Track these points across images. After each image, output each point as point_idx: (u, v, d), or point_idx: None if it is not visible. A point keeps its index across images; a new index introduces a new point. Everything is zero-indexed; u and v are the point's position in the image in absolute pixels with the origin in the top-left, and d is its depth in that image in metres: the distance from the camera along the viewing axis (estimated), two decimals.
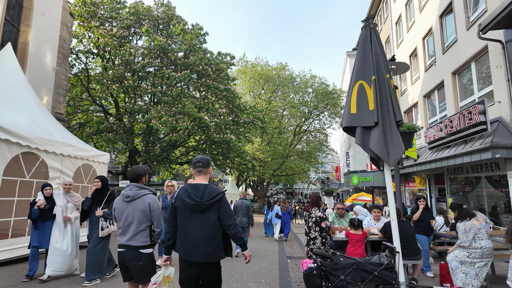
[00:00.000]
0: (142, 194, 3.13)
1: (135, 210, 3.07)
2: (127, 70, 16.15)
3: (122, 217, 3.11)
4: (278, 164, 30.47)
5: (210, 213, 2.67)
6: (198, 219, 2.66)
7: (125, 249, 3.05)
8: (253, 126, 20.44)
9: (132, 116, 17.23)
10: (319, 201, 4.97)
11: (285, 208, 12.37)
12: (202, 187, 2.74)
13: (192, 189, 2.73)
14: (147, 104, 16.36)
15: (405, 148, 3.56)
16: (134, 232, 3.05)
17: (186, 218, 2.68)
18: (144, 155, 17.01)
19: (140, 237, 3.05)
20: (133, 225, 3.06)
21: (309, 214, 4.89)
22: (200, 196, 2.68)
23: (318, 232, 4.66)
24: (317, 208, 4.86)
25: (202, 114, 16.34)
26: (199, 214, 2.66)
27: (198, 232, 2.64)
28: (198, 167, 2.84)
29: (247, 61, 31.03)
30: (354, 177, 19.93)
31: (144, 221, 3.09)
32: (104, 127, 17.11)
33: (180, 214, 2.72)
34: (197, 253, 2.61)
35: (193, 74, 17.66)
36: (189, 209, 2.67)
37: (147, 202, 3.11)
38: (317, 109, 30.43)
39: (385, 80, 3.76)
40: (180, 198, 2.72)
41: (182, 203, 2.70)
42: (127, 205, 3.10)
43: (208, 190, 2.73)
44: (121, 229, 3.11)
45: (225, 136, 17.13)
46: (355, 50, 34.74)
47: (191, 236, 2.64)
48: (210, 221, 2.66)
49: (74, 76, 19.24)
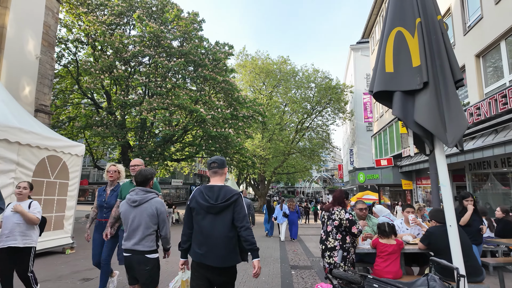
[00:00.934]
0: (149, 198, 3.06)
1: (143, 214, 3.00)
2: (117, 59, 15.02)
3: (128, 221, 3.02)
4: (279, 161, 29.33)
5: (226, 215, 2.61)
6: (213, 221, 2.60)
7: (131, 253, 2.98)
8: (253, 120, 19.29)
9: (124, 110, 16.11)
10: (345, 199, 3.64)
11: (293, 206, 11.88)
12: (217, 189, 2.67)
13: (207, 190, 2.67)
14: (139, 96, 15.21)
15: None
16: (141, 236, 2.99)
17: (201, 220, 2.64)
18: (136, 150, 15.89)
19: (146, 241, 2.99)
20: (140, 230, 2.99)
21: (329, 215, 3.62)
22: (214, 198, 2.62)
23: (339, 241, 3.43)
24: (341, 207, 3.57)
25: (198, 106, 15.19)
26: (214, 216, 2.61)
27: (212, 234, 2.58)
28: (214, 167, 2.77)
29: (247, 54, 29.87)
30: (361, 175, 18.76)
31: (151, 225, 3.02)
32: (93, 120, 15.99)
33: (195, 216, 2.68)
34: (212, 257, 2.54)
35: (189, 67, 16.48)
36: (204, 211, 2.63)
37: (155, 206, 3.04)
38: (320, 105, 29.25)
39: (435, 24, 2.60)
40: (195, 199, 2.67)
41: (198, 205, 2.65)
42: (133, 209, 3.02)
43: (223, 191, 2.65)
44: (126, 233, 3.03)
45: (223, 130, 15.98)
46: (360, 44, 33.50)
47: (205, 238, 2.59)
48: (225, 223, 2.59)
49: (63, 68, 18.13)
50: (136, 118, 17.29)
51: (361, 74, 32.50)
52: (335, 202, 3.63)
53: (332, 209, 3.60)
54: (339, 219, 3.45)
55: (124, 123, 16.42)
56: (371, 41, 24.69)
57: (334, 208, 3.60)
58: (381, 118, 21.28)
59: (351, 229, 3.40)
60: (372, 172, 17.86)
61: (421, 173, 14.03)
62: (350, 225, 3.41)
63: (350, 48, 33.97)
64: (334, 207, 3.60)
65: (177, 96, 14.71)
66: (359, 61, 33.01)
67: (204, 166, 26.24)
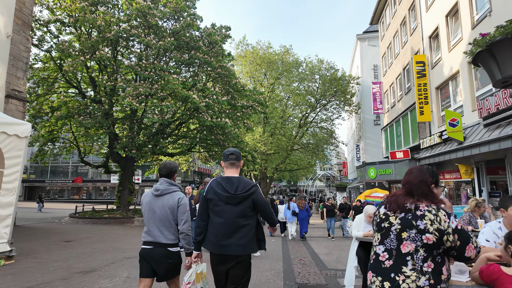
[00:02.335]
0: (172, 190, 3.01)
1: (164, 206, 2.95)
2: (100, 39, 13.41)
3: (150, 212, 2.98)
4: (281, 158, 27.70)
5: (244, 205, 2.61)
6: (232, 212, 2.60)
7: (153, 246, 2.89)
8: (253, 111, 17.64)
9: (110, 97, 14.49)
10: (432, 185, 1.77)
11: (302, 204, 11.84)
12: (236, 180, 2.67)
13: (225, 182, 2.66)
14: (124, 81, 13.57)
15: None
16: (163, 228, 2.92)
17: (219, 210, 2.62)
18: (122, 141, 14.29)
19: (169, 234, 2.92)
20: (162, 222, 2.92)
21: (407, 219, 1.70)
22: (234, 188, 2.62)
23: (430, 276, 1.60)
24: (436, 206, 1.69)
25: (190, 93, 13.56)
26: (232, 206, 2.60)
27: (232, 224, 2.58)
28: (232, 159, 2.76)
29: (247, 44, 28.19)
30: (371, 170, 17.06)
31: (173, 218, 2.96)
32: (76, 109, 14.40)
33: (213, 207, 2.65)
34: (232, 246, 2.54)
35: (182, 51, 14.80)
36: (223, 202, 2.61)
37: (177, 198, 2.98)
38: (325, 98, 27.53)
39: None
40: (213, 190, 2.65)
41: (216, 195, 2.63)
42: (156, 200, 2.98)
43: (242, 182, 2.67)
44: (146, 224, 2.98)
45: (219, 120, 14.35)
46: (367, 33, 31.71)
47: (225, 229, 2.57)
48: (244, 213, 2.61)
49: (46, 54, 16.56)
50: (124, 107, 15.69)
51: (368, 65, 30.73)
52: (420, 193, 1.76)
53: (415, 206, 1.73)
54: (438, 230, 1.63)
55: (111, 113, 14.81)
56: (381, 27, 22.93)
57: (421, 206, 1.73)
58: (392, 109, 19.56)
59: (463, 252, 1.66)
60: (385, 166, 16.16)
61: (443, 166, 12.34)
62: (463, 242, 1.65)
63: (356, 38, 32.20)
64: (418, 202, 1.72)
65: (166, 82, 13.09)
66: (366, 51, 31.24)
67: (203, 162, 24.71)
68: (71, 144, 19.08)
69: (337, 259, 7.32)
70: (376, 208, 2.08)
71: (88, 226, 14.13)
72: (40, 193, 30.76)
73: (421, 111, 13.42)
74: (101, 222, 14.91)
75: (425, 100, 13.43)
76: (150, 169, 23.88)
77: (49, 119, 17.15)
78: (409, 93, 16.21)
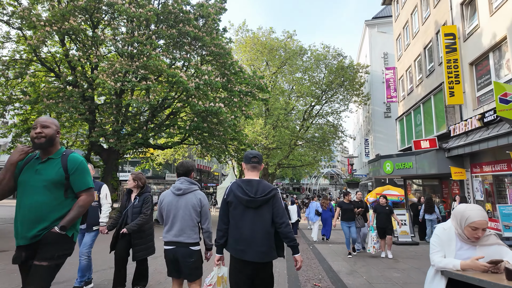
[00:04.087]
0: (193, 189, 3.02)
1: (187, 205, 2.94)
2: (70, 7, 11.35)
3: (171, 211, 2.95)
4: (285, 153, 25.64)
5: (264, 210, 2.55)
6: (252, 216, 2.54)
7: (175, 246, 2.91)
8: (252, 97, 15.54)
9: (85, 77, 12.42)
10: None
11: (326, 204, 11.21)
12: (256, 183, 2.63)
13: (245, 184, 2.62)
14: (99, 57, 11.49)
15: None
16: (185, 227, 2.91)
17: (239, 214, 2.57)
18: (99, 130, 12.27)
19: (191, 233, 2.92)
20: (185, 220, 2.92)
21: None
22: (254, 191, 2.57)
23: None
24: None
25: (177, 71, 11.50)
26: (253, 210, 2.55)
27: (252, 229, 2.51)
28: (254, 162, 2.72)
29: (247, 30, 26.05)
30: (387, 164, 14.90)
31: (195, 217, 2.96)
32: (47, 92, 12.37)
33: (233, 210, 2.60)
34: (251, 252, 2.47)
35: (171, 30, 12.67)
36: (243, 205, 2.56)
37: (199, 197, 3.01)
38: (331, 88, 25.38)
39: None
40: (233, 193, 2.61)
41: (236, 198, 2.59)
42: (177, 199, 2.98)
43: (262, 186, 2.62)
44: (169, 224, 2.95)
45: (212, 105, 12.28)
46: (376, 19, 29.48)
47: (245, 233, 2.51)
48: (264, 218, 2.54)
49: (18, 32, 14.55)
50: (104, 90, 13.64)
51: (377, 54, 28.55)
52: None
53: None
54: None
55: (87, 96, 12.75)
56: (394, 7, 20.72)
57: None
58: (409, 96, 17.40)
59: None
60: (404, 159, 14.00)
61: (480, 156, 10.22)
62: None
63: (364, 24, 29.97)
64: None
65: (148, 57, 11.04)
66: (375, 38, 29.04)
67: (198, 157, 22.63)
68: None
69: (368, 283, 5.24)
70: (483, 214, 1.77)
71: None
72: None
73: (451, 92, 11.28)
74: None
75: (455, 79, 11.30)
76: (140, 164, 21.88)
77: (23, 106, 15.14)
78: (432, 75, 14.06)
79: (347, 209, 7.82)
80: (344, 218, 7.77)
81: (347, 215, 7.74)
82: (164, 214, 2.97)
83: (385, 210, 7.92)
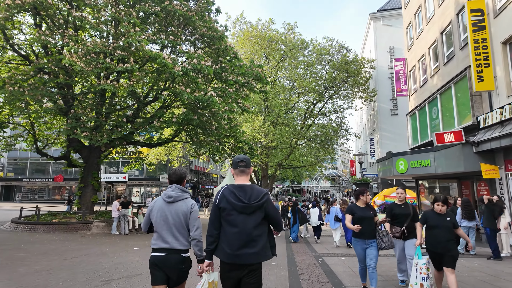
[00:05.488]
0: (184, 197, 3.01)
1: (178, 213, 2.93)
2: None
3: (162, 218, 2.91)
4: (285, 153, 24.05)
5: (257, 214, 2.61)
6: (246, 221, 2.57)
7: (167, 253, 2.85)
8: (249, 88, 13.95)
9: (56, 61, 10.80)
10: None
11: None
12: (249, 188, 2.65)
13: (238, 190, 2.63)
14: (70, 37, 9.88)
15: None
16: (177, 234, 2.88)
17: (233, 220, 2.58)
18: (72, 121, 10.67)
19: (183, 239, 2.90)
20: (175, 227, 2.90)
21: None
22: (248, 197, 2.59)
23: None
24: None
25: (160, 53, 9.92)
26: (246, 216, 2.59)
27: (246, 233, 2.55)
28: (241, 166, 2.74)
29: (246, 22, 24.51)
30: (400, 162, 13.27)
31: (185, 224, 2.94)
32: (12, 77, 10.75)
33: (226, 216, 2.61)
34: (246, 255, 2.52)
35: (155, 7, 11.08)
36: (237, 211, 2.58)
37: (190, 205, 2.98)
38: (335, 84, 23.80)
39: None
40: (226, 199, 2.62)
41: (230, 204, 2.60)
42: (168, 206, 2.95)
43: (255, 191, 2.64)
44: (159, 231, 2.92)
45: (202, 94, 10.69)
46: (382, 11, 27.98)
47: (239, 238, 2.54)
48: (257, 222, 2.60)
49: None
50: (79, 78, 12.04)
51: (383, 48, 27.03)
52: None
53: None
54: None
55: (60, 82, 11.12)
56: None
57: None
58: (422, 88, 15.82)
59: None
60: (421, 157, 12.37)
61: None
62: None
63: (369, 17, 28.46)
64: None
65: (127, 36, 9.45)
66: (381, 32, 27.53)
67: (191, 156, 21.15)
68: (27, 131, 15.48)
69: None
70: None
71: (23, 235, 10.51)
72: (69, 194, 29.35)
73: (479, 77, 9.69)
74: (46, 230, 11.29)
75: (485, 61, 9.72)
76: (129, 164, 20.25)
77: None
78: (452, 62, 12.50)
79: (365, 217, 4.65)
80: (358, 234, 4.62)
81: (365, 228, 4.58)
82: (154, 221, 2.95)
83: (445, 222, 4.38)
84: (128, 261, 6.59)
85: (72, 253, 7.37)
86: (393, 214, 5.12)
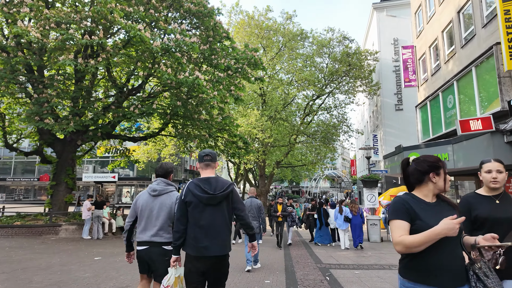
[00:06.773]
0: (169, 190, 3.02)
1: (162, 206, 2.94)
2: None
3: (145, 212, 2.95)
4: (284, 151, 22.55)
5: (223, 205, 2.63)
6: (212, 213, 2.60)
7: (149, 246, 2.89)
8: (243, 75, 12.44)
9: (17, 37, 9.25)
10: None
11: (356, 209, 10.18)
12: (213, 180, 2.67)
13: (203, 183, 2.64)
14: (31, 4, 8.32)
15: None
16: (159, 228, 2.90)
17: (199, 212, 2.60)
18: (35, 107, 9.13)
19: (164, 233, 2.90)
20: (159, 221, 2.92)
21: None
22: (213, 189, 2.61)
23: None
24: None
25: (135, 24, 8.40)
26: (212, 207, 2.61)
27: (213, 225, 2.57)
28: (207, 160, 2.76)
29: (241, 11, 23.02)
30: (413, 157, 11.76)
31: (170, 217, 2.94)
32: None
33: (192, 210, 2.61)
34: (214, 247, 2.53)
35: None
36: (203, 203, 2.60)
37: (174, 198, 2.98)
38: (336, 77, 22.34)
39: None
40: (191, 193, 2.62)
41: (195, 197, 2.60)
42: (152, 200, 2.98)
43: (220, 182, 2.67)
44: (143, 224, 2.94)
45: (187, 76, 9.17)
46: (385, 1, 26.58)
47: (206, 230, 2.55)
48: (223, 213, 2.62)
49: None
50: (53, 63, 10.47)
51: (386, 40, 25.60)
52: None
53: None
54: None
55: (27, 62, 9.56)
56: None
57: None
58: (434, 76, 14.37)
59: None
60: (435, 150, 10.92)
61: None
62: None
63: (372, 7, 27.04)
64: None
65: (95, 4, 7.92)
66: (384, 23, 26.12)
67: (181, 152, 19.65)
68: None
69: None
70: None
71: None
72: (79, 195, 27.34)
73: (511, 53, 8.23)
74: (4, 234, 9.69)
75: None
76: (114, 162, 18.67)
77: None
78: (471, 43, 11.06)
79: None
80: None
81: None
82: (139, 214, 2.97)
83: None
84: (72, 279, 4.98)
85: (9, 266, 5.78)
86: (476, 218, 2.23)
